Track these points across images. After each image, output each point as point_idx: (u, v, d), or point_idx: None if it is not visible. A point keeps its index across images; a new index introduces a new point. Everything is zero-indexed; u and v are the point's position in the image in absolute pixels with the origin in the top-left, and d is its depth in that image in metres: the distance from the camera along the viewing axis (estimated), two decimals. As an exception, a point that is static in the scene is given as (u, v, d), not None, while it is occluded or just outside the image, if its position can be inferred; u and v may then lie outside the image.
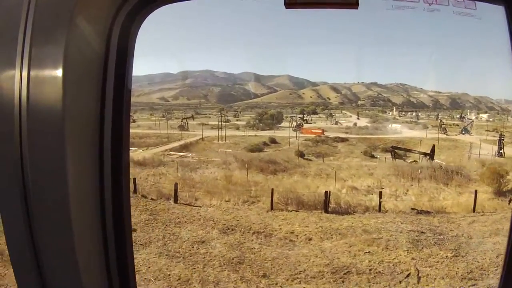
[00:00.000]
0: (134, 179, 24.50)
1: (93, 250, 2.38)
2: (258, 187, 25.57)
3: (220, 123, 59.23)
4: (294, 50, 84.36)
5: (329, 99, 74.00)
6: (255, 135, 52.71)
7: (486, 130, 49.12)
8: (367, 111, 68.82)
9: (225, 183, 26.52)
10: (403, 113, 66.62)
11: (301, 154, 42.86)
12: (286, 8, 2.40)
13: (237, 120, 61.69)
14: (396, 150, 39.52)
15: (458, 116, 59.73)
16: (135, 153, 39.53)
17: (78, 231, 2.24)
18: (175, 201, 23.26)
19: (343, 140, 49.86)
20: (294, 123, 55.38)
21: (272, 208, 21.61)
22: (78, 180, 2.23)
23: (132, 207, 20.55)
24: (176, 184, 23.74)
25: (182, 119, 61.23)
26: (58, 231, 2.25)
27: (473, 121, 53.07)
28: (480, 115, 58.84)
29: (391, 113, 67.31)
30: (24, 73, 2.16)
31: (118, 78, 2.33)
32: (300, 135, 50.95)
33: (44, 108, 2.16)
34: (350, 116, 66.67)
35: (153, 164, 32.65)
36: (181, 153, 44.73)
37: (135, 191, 23.61)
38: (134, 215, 19.88)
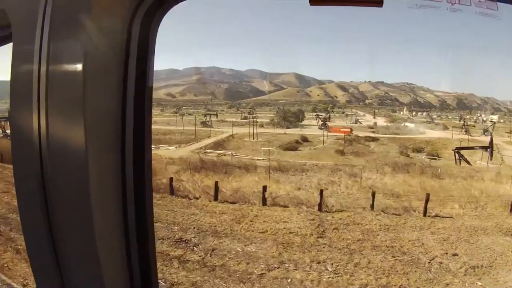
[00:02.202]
0: (374, 194, 22.68)
1: (114, 248, 2.35)
2: (454, 193, 25.23)
3: (240, 120, 59.52)
4: (300, 47, 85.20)
5: (337, 98, 74.95)
6: (284, 133, 53.10)
7: (507, 132, 51.05)
8: (376, 110, 70.12)
9: (418, 189, 25.45)
10: (414, 113, 68.14)
11: (341, 153, 43.71)
12: (311, 4, 2.28)
13: (254, 117, 61.60)
14: (460, 151, 40.26)
15: (474, 117, 61.53)
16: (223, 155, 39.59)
17: (100, 228, 2.22)
18: (425, 214, 21.17)
19: (373, 139, 50.86)
20: (320, 122, 56.06)
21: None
22: (99, 177, 2.20)
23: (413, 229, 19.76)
24: (428, 195, 21.70)
25: (205, 114, 60.91)
26: (79, 229, 2.25)
27: (495, 123, 54.81)
28: (490, 116, 60.79)
29: (402, 112, 68.83)
30: (43, 69, 2.15)
31: (139, 74, 2.29)
32: (328, 133, 51.67)
33: (64, 104, 2.16)
34: (364, 115, 67.86)
35: (293, 169, 31.74)
36: (219, 151, 44.44)
37: (372, 207, 21.81)
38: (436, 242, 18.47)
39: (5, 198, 21.84)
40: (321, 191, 22.41)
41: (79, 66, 2.06)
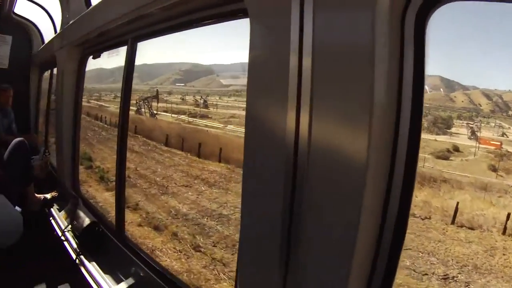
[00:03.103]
0: None
1: (366, 253, 2.01)
2: None
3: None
4: (446, 48, 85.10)
5: (480, 106, 73.97)
6: (435, 140, 55.32)
7: None
8: (517, 123, 68.89)
9: None
10: (557, 130, 66.19)
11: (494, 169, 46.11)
12: None
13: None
14: None
15: None
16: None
17: (361, 232, 1.89)
18: None
19: (522, 155, 51.34)
20: (470, 131, 57.38)
21: None
22: (374, 180, 1.89)
23: None
24: None
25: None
26: (341, 230, 1.91)
27: None
28: None
29: (544, 128, 67.21)
30: (306, 63, 1.89)
31: (416, 72, 1.86)
32: (479, 145, 53.12)
33: (338, 102, 1.86)
34: (509, 127, 67.22)
35: (495, 188, 25.42)
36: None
37: None
38: None
39: (190, 195, 15.23)
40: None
41: (356, 59, 1.78)
